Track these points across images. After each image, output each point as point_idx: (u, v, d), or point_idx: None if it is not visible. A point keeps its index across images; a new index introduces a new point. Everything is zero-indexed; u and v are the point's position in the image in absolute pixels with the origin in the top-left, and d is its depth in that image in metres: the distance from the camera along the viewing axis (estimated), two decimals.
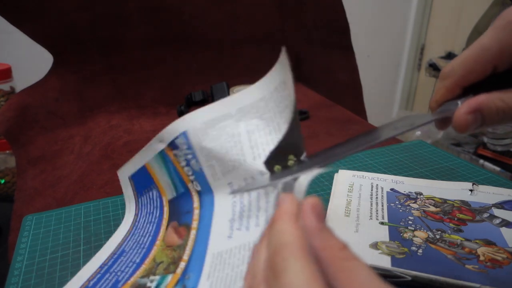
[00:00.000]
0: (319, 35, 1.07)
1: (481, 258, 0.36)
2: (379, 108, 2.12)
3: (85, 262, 0.38)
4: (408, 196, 0.47)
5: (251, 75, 0.97)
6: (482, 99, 0.26)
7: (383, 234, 0.39)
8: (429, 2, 1.98)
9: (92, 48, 0.85)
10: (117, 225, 0.43)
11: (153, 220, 0.38)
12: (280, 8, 1.01)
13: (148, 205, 0.39)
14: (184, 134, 0.32)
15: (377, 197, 0.46)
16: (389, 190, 0.48)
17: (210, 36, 0.95)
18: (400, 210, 0.44)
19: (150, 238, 0.36)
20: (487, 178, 0.52)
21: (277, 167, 0.29)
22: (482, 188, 0.48)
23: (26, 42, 0.85)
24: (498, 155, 1.36)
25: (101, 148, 0.68)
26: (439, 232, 0.40)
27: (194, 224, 0.34)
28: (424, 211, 0.44)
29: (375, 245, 0.37)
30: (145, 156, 0.37)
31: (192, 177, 0.34)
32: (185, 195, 0.35)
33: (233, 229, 0.30)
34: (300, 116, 0.79)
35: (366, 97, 1.16)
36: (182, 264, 0.32)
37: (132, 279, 0.33)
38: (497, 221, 0.42)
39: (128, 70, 0.89)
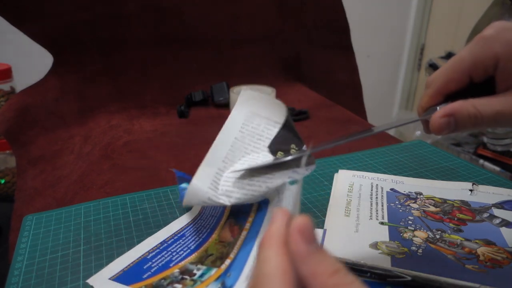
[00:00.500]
0: (319, 35, 1.08)
1: (481, 258, 0.36)
2: (379, 108, 2.12)
3: (85, 262, 0.38)
4: (408, 196, 0.47)
5: (251, 75, 0.98)
6: (455, 105, 0.29)
7: (383, 234, 0.39)
8: (429, 2, 1.98)
9: (92, 48, 0.85)
10: (117, 225, 0.44)
11: (215, 214, 0.41)
12: (280, 8, 1.01)
13: None
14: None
15: (377, 197, 0.46)
16: (389, 190, 0.48)
17: (210, 36, 0.95)
18: (400, 210, 0.44)
19: (208, 230, 0.40)
20: (487, 178, 0.52)
21: (279, 153, 0.34)
22: (482, 188, 0.48)
23: (26, 42, 0.85)
24: (498, 155, 1.36)
25: (101, 148, 0.68)
26: (439, 232, 0.40)
27: (247, 225, 0.36)
28: (424, 211, 0.44)
29: (375, 245, 0.37)
30: None
31: None
32: None
33: None
34: (300, 116, 0.80)
35: (366, 97, 1.16)
36: (227, 261, 0.34)
37: (183, 263, 0.36)
38: (497, 221, 0.42)
39: (128, 70, 0.89)
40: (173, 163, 0.60)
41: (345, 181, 0.50)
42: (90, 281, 0.35)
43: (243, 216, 0.38)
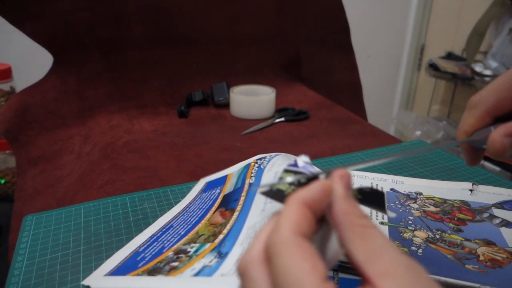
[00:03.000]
0: (319, 35, 1.08)
1: (481, 258, 0.36)
2: (379, 108, 2.12)
3: (85, 262, 0.38)
4: (408, 196, 0.47)
5: (251, 75, 0.98)
6: None
7: None
8: (429, 2, 1.98)
9: (92, 48, 0.85)
10: (117, 225, 0.44)
11: (204, 207, 0.44)
12: (280, 8, 1.01)
13: (205, 198, 0.46)
14: (275, 156, 0.45)
15: None
16: (389, 190, 0.48)
17: (210, 36, 0.95)
18: (400, 210, 0.44)
19: (197, 218, 0.42)
20: (487, 178, 0.52)
21: None
22: (482, 188, 0.48)
23: (26, 42, 0.85)
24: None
25: (101, 148, 0.68)
26: (439, 232, 0.40)
27: (238, 207, 0.40)
28: (424, 211, 0.44)
29: None
30: (234, 169, 0.48)
31: (253, 174, 0.43)
32: (239, 188, 0.43)
33: (266, 203, 0.34)
34: (300, 116, 0.80)
35: (366, 97, 1.16)
36: (220, 236, 0.36)
37: (175, 246, 0.37)
38: (497, 221, 0.42)
39: (128, 70, 0.89)
40: (173, 163, 0.60)
41: None
42: (85, 281, 0.35)
43: (234, 202, 0.41)
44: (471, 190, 0.47)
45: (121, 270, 0.35)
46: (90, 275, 0.36)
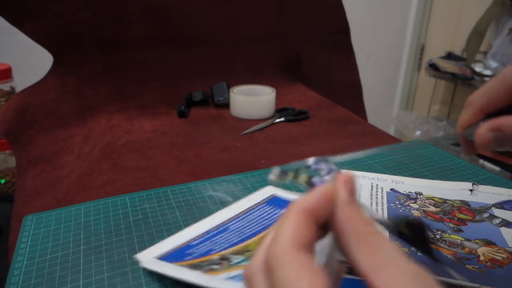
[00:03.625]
0: (319, 35, 1.08)
1: (481, 258, 0.36)
2: (379, 108, 2.12)
3: (85, 262, 0.38)
4: (408, 196, 0.47)
5: (251, 75, 0.98)
6: (503, 119, 0.28)
7: None
8: (429, 2, 1.98)
9: (92, 48, 0.85)
10: (117, 225, 0.44)
11: (262, 223, 0.42)
12: (280, 8, 1.01)
13: (266, 213, 0.44)
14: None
15: (377, 197, 0.46)
16: (389, 190, 0.48)
17: (210, 36, 0.95)
18: (400, 210, 0.44)
19: (252, 232, 0.41)
20: (487, 178, 0.52)
21: None
22: (482, 188, 0.48)
23: (26, 42, 0.85)
24: (498, 155, 1.36)
25: (101, 148, 0.68)
26: (439, 232, 0.40)
27: None
28: (424, 211, 0.44)
29: None
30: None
31: None
32: None
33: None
34: (300, 116, 0.80)
35: (366, 97, 1.16)
36: None
37: (222, 252, 0.38)
38: (497, 221, 0.42)
39: (128, 70, 0.89)
40: (173, 163, 0.60)
41: None
42: (139, 256, 0.37)
43: None
44: (471, 190, 0.47)
45: (170, 257, 0.37)
46: (145, 251, 0.38)
